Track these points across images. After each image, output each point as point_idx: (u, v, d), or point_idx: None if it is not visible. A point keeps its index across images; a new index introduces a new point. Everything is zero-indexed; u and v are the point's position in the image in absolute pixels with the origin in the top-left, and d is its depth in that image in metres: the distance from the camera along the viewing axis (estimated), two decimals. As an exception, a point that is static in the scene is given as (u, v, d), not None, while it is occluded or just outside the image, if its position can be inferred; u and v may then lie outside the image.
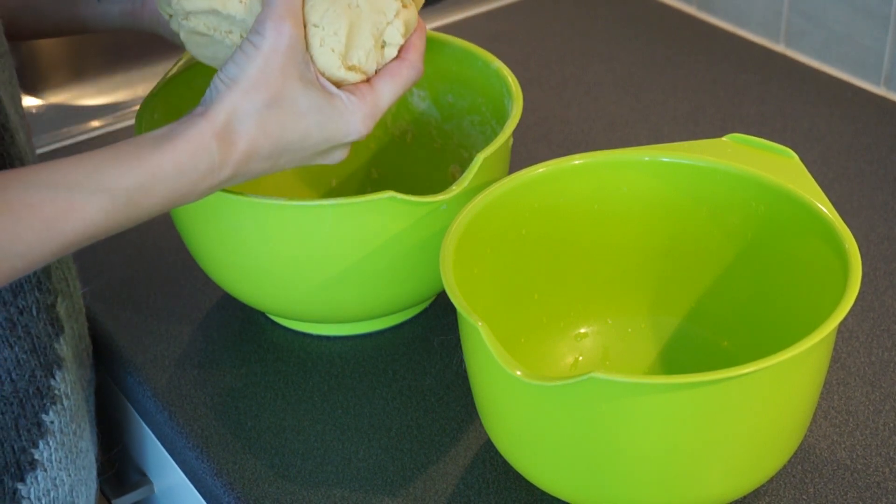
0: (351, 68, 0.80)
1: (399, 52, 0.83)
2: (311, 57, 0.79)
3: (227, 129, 0.76)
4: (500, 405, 0.80)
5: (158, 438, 0.96)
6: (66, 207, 0.71)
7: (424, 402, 0.93)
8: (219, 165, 0.76)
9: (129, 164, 0.73)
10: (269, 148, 0.78)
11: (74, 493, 0.89)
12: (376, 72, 0.82)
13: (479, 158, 0.88)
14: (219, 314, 1.03)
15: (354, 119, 0.80)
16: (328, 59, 0.79)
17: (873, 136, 1.22)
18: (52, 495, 0.87)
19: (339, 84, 0.80)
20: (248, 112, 0.76)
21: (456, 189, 0.87)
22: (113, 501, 1.06)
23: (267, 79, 0.77)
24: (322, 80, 0.79)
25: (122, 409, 1.05)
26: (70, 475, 0.89)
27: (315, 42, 0.79)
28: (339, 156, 0.83)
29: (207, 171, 0.76)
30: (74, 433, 0.89)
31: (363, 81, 0.81)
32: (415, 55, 0.84)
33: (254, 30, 0.77)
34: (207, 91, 0.77)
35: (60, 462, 0.87)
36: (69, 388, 0.88)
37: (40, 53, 1.45)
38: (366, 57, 0.81)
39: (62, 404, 0.87)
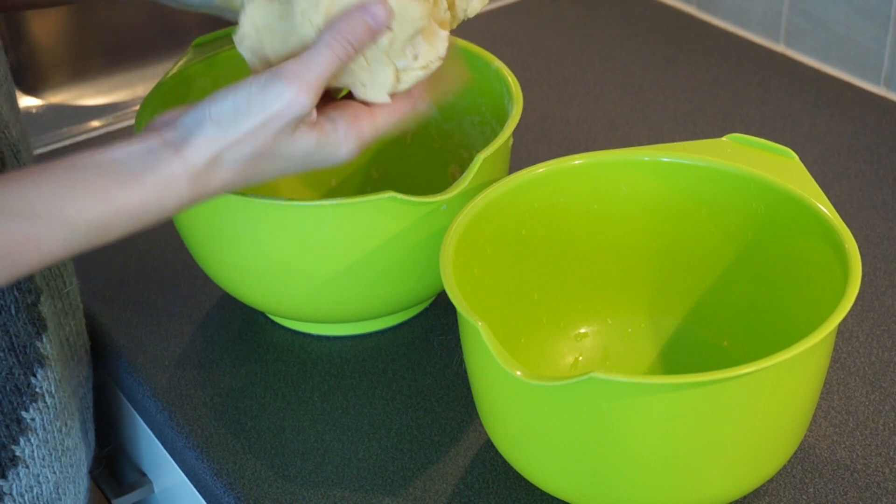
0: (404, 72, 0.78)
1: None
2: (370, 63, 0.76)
3: (203, 174, 0.72)
4: (500, 405, 0.80)
5: (158, 438, 0.96)
6: (22, 240, 0.69)
7: (424, 402, 0.93)
8: (187, 201, 0.73)
9: (94, 197, 0.70)
10: (244, 184, 0.75)
11: (60, 491, 0.89)
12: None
13: (479, 158, 0.88)
14: (219, 314, 1.03)
15: (341, 151, 0.77)
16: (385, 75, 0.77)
17: (873, 136, 1.22)
18: (35, 492, 0.87)
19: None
20: (230, 161, 0.73)
21: (456, 189, 0.87)
22: (113, 501, 1.06)
23: (258, 139, 0.73)
24: (314, 116, 0.75)
25: (121, 408, 1.05)
26: (55, 472, 0.88)
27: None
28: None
29: (174, 207, 0.73)
30: (60, 431, 0.88)
31: (365, 105, 0.78)
32: (419, 95, 0.81)
33: (275, 79, 0.72)
34: (191, 115, 0.73)
35: (44, 459, 0.87)
36: (53, 385, 0.87)
37: (40, 53, 1.45)
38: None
39: (45, 402, 0.87)
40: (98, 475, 1.07)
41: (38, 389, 0.86)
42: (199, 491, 0.91)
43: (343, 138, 0.76)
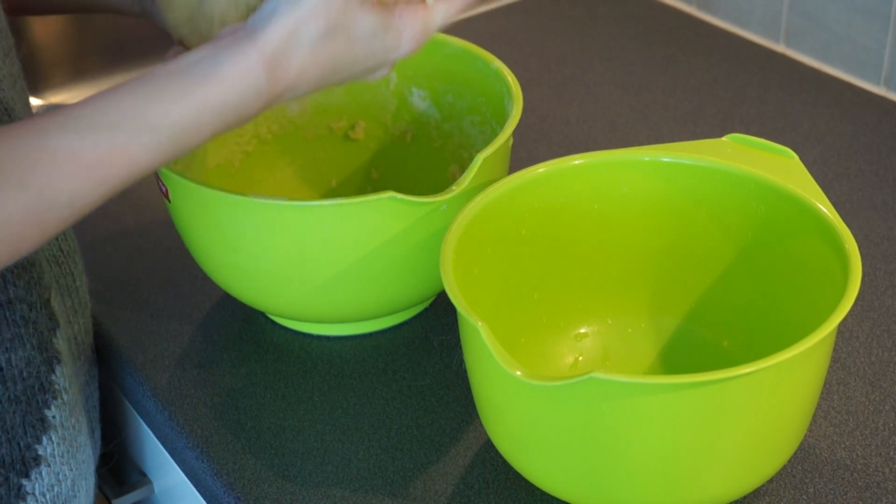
0: None
1: None
2: None
3: (279, 58, 0.72)
4: (500, 405, 0.80)
5: (158, 438, 0.96)
6: (109, 151, 0.68)
7: (424, 402, 0.93)
8: (266, 94, 0.72)
9: (174, 99, 0.69)
10: (317, 75, 0.74)
11: (76, 488, 0.89)
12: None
13: (479, 158, 0.88)
14: (219, 314, 1.03)
15: (405, 37, 0.77)
16: None
17: (873, 136, 1.22)
18: (55, 490, 0.87)
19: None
20: (303, 41, 0.72)
21: (456, 189, 0.87)
22: (113, 501, 1.06)
23: (329, 7, 0.72)
24: (383, 8, 0.75)
25: (121, 409, 1.05)
26: (72, 469, 0.89)
27: None
28: (382, 73, 0.79)
29: (254, 101, 0.72)
30: (74, 427, 0.89)
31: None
32: None
33: None
34: (259, 12, 0.73)
35: (63, 457, 0.87)
36: (67, 382, 0.88)
37: (40, 53, 1.45)
38: None
39: (62, 399, 0.87)
40: (98, 475, 1.07)
41: (57, 386, 0.86)
42: (199, 491, 0.91)
43: (404, 26, 0.77)
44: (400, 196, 0.86)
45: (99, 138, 0.68)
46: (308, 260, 0.90)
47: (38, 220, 0.67)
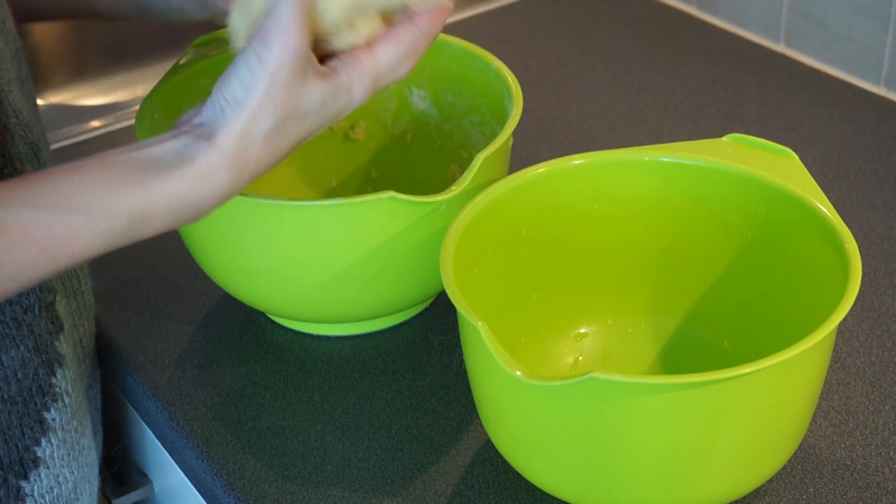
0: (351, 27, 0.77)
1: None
2: (318, 14, 0.75)
3: (236, 157, 0.72)
4: (500, 405, 0.80)
5: (158, 438, 0.96)
6: (63, 232, 0.68)
7: (424, 402, 0.93)
8: (226, 191, 0.73)
9: (132, 189, 0.70)
10: (275, 159, 0.75)
11: (78, 490, 0.89)
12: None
13: (479, 158, 0.88)
14: (219, 314, 1.03)
15: (356, 92, 0.76)
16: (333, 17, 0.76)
17: (873, 136, 1.22)
18: (55, 492, 0.87)
19: (334, 52, 0.77)
20: (257, 136, 0.73)
21: (456, 189, 0.87)
22: (113, 501, 1.06)
23: (274, 99, 0.73)
24: (319, 67, 0.75)
25: (122, 408, 1.05)
26: (73, 472, 0.89)
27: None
28: (334, 121, 0.79)
29: (213, 198, 0.73)
30: (76, 430, 0.89)
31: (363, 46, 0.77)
32: (426, 23, 0.79)
33: (259, 40, 0.73)
34: (209, 108, 0.73)
35: (63, 459, 0.87)
36: (70, 385, 0.88)
37: (40, 53, 1.45)
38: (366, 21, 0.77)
39: (63, 401, 0.87)
40: (99, 466, 1.07)
41: (57, 389, 0.86)
42: (199, 491, 0.91)
43: (351, 81, 0.76)
44: (400, 196, 0.86)
45: (55, 218, 0.68)
46: (308, 260, 0.90)
47: None
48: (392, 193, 0.86)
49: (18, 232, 0.67)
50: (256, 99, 0.72)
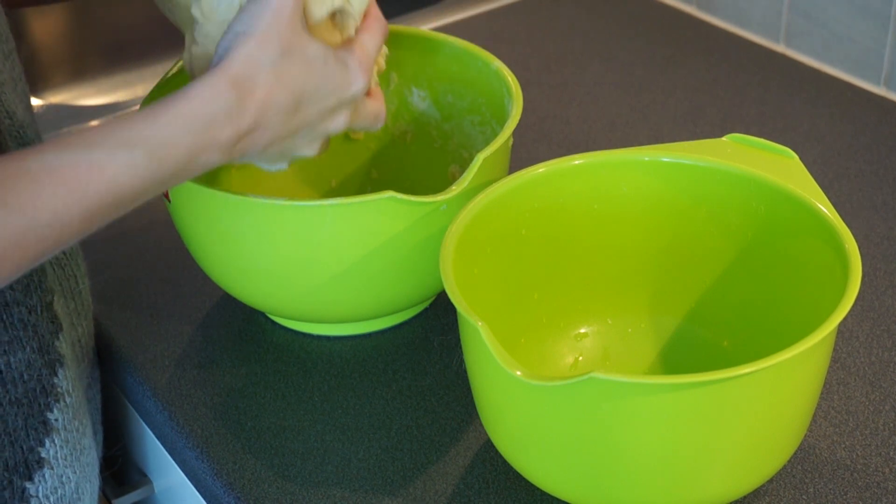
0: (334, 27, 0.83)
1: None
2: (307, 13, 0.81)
3: (244, 77, 0.75)
4: (500, 405, 0.80)
5: (158, 438, 0.96)
6: (87, 168, 0.70)
7: (424, 402, 0.93)
8: (237, 112, 0.75)
9: (146, 119, 0.72)
10: (285, 98, 0.77)
11: (80, 491, 0.89)
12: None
13: (479, 158, 0.88)
14: (219, 314, 1.03)
15: (353, 70, 0.81)
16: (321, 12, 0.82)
17: (873, 136, 1.22)
18: (59, 493, 0.87)
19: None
20: (264, 62, 0.76)
21: (456, 189, 0.87)
22: (113, 501, 1.06)
23: (279, 29, 0.77)
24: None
25: (122, 408, 1.05)
26: (75, 472, 0.89)
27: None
28: (343, 120, 0.82)
29: (226, 118, 0.75)
30: (77, 430, 0.89)
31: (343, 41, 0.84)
32: (374, 11, 0.86)
33: None
34: (220, 45, 0.77)
35: (66, 459, 0.87)
36: (70, 385, 0.88)
37: (40, 53, 1.45)
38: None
39: (65, 401, 0.87)
40: (99, 466, 1.07)
41: (59, 389, 0.87)
42: (199, 491, 0.91)
43: (347, 58, 0.81)
44: (400, 196, 0.86)
45: (76, 156, 0.70)
46: (308, 260, 0.90)
47: (19, 241, 0.68)
48: (392, 193, 0.86)
49: (43, 174, 0.69)
50: (264, 26, 0.76)
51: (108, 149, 0.70)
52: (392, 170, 1.10)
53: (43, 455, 0.86)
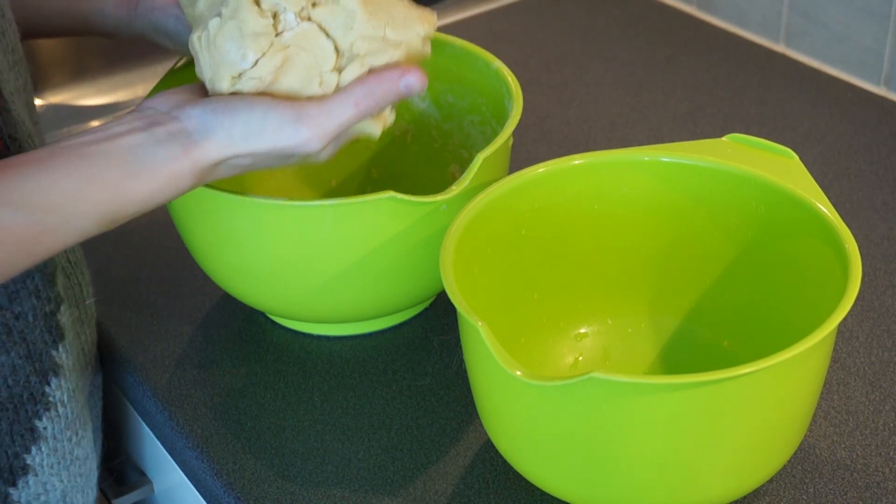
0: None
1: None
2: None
3: (207, 172, 0.76)
4: (500, 405, 0.80)
5: (158, 438, 0.96)
6: (40, 231, 0.71)
7: (424, 402, 0.93)
8: (188, 191, 0.77)
9: (108, 190, 0.73)
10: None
11: (68, 499, 0.89)
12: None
13: (479, 158, 0.88)
14: (219, 314, 1.03)
15: (311, 147, 0.78)
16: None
17: (873, 136, 1.22)
18: (42, 500, 0.87)
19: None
20: (232, 165, 0.77)
21: (456, 189, 0.87)
22: (113, 501, 1.06)
23: (261, 157, 0.77)
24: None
25: (122, 408, 1.05)
26: (63, 481, 0.89)
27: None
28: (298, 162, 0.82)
29: (176, 196, 0.76)
30: (70, 440, 0.89)
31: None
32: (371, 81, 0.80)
33: (293, 117, 0.76)
34: (199, 114, 0.76)
35: (53, 468, 0.87)
36: (66, 395, 0.88)
37: (40, 53, 1.45)
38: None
39: (57, 411, 0.87)
40: (98, 475, 1.07)
41: (51, 399, 0.86)
42: (199, 491, 0.91)
43: (309, 116, 0.78)
44: (400, 196, 0.86)
45: (33, 219, 0.70)
46: (308, 260, 0.90)
47: None
48: (392, 193, 0.86)
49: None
50: (248, 149, 0.76)
51: (66, 217, 0.72)
52: (392, 169, 1.10)
53: (28, 462, 0.85)
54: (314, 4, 0.78)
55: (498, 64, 1.00)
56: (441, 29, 0.83)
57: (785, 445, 0.79)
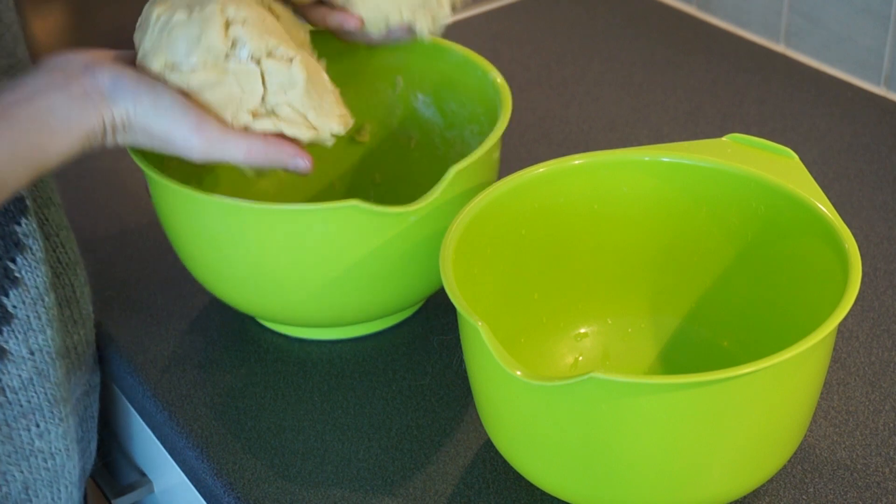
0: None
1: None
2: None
3: (117, 133, 0.81)
4: (500, 405, 0.80)
5: (158, 438, 0.96)
6: None
7: (424, 402, 0.93)
8: (109, 145, 0.82)
9: (33, 151, 0.78)
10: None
11: (30, 492, 0.89)
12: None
13: (452, 171, 0.87)
14: (219, 314, 1.03)
15: (191, 143, 0.83)
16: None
17: (873, 136, 1.22)
18: (3, 491, 0.87)
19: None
20: (135, 127, 0.82)
21: (423, 202, 0.86)
22: (113, 501, 1.06)
23: (155, 133, 0.82)
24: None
25: (122, 409, 1.05)
26: (23, 472, 0.88)
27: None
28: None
29: (97, 147, 0.81)
30: (27, 430, 0.88)
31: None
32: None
33: (193, 121, 0.81)
34: (111, 79, 0.80)
35: (10, 457, 0.87)
36: (16, 381, 0.87)
37: (40, 53, 1.45)
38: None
39: (6, 396, 0.87)
40: (98, 475, 1.07)
41: None
42: (199, 491, 0.91)
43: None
44: (364, 205, 0.85)
45: None
46: (300, 265, 0.89)
47: None
48: (356, 202, 0.85)
49: None
50: (145, 123, 0.81)
51: None
52: (395, 174, 1.10)
53: None
54: (269, 55, 0.84)
55: (494, 73, 0.99)
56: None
57: (785, 445, 0.79)
